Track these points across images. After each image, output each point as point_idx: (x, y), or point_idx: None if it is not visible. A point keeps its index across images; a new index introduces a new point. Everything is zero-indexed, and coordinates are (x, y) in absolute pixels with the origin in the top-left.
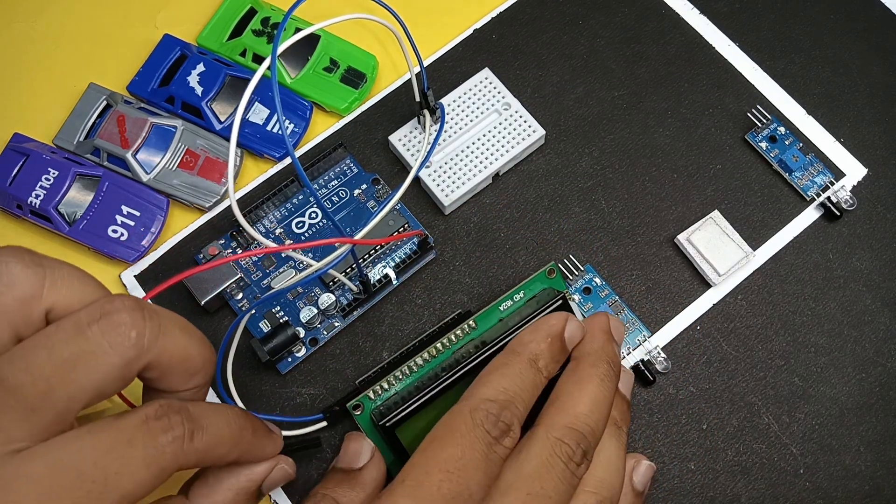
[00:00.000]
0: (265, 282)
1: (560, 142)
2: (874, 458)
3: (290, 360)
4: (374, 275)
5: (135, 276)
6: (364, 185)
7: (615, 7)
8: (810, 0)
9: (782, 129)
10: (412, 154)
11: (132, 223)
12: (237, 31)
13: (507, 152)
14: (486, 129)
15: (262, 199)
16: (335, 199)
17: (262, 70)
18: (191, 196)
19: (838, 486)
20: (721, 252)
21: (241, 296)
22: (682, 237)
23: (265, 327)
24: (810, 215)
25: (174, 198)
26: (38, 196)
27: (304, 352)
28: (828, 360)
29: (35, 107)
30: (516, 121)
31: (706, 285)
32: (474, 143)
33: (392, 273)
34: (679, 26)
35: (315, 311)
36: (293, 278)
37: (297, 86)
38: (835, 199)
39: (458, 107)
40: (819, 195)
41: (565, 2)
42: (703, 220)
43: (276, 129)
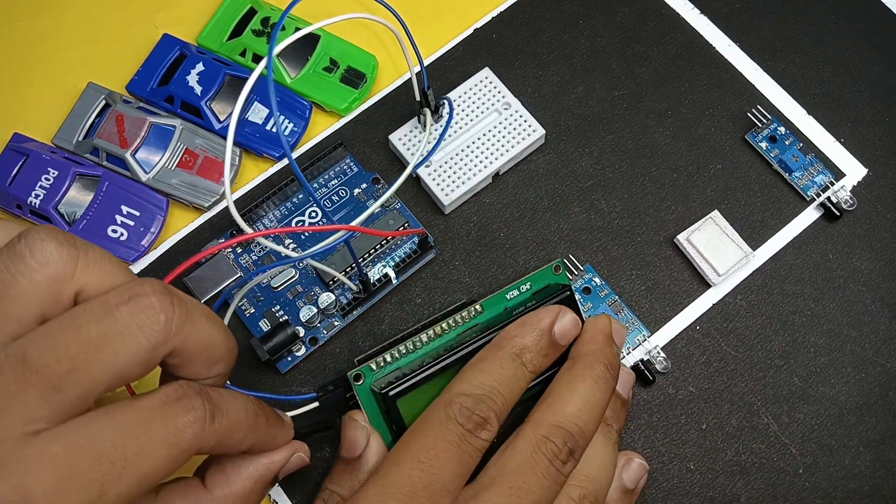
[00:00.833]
0: (265, 280)
1: (560, 141)
2: (873, 458)
3: (289, 359)
4: (373, 274)
5: None
6: (364, 185)
7: (615, 7)
8: (810, 0)
9: (782, 129)
10: (412, 153)
11: (132, 223)
12: (237, 31)
13: (507, 152)
14: (487, 129)
15: (261, 199)
16: (335, 198)
17: (260, 69)
18: (190, 195)
19: (838, 486)
20: (721, 252)
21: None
22: (681, 237)
23: (265, 326)
24: (810, 215)
25: (173, 197)
26: (37, 196)
27: (303, 351)
28: (827, 360)
29: (34, 107)
30: (516, 120)
31: (706, 285)
32: (474, 143)
33: (392, 272)
34: (679, 26)
35: (315, 310)
36: (286, 263)
37: (296, 86)
38: (835, 200)
39: (459, 106)
40: (819, 195)
41: (565, 1)
42: (703, 220)
43: (275, 129)
